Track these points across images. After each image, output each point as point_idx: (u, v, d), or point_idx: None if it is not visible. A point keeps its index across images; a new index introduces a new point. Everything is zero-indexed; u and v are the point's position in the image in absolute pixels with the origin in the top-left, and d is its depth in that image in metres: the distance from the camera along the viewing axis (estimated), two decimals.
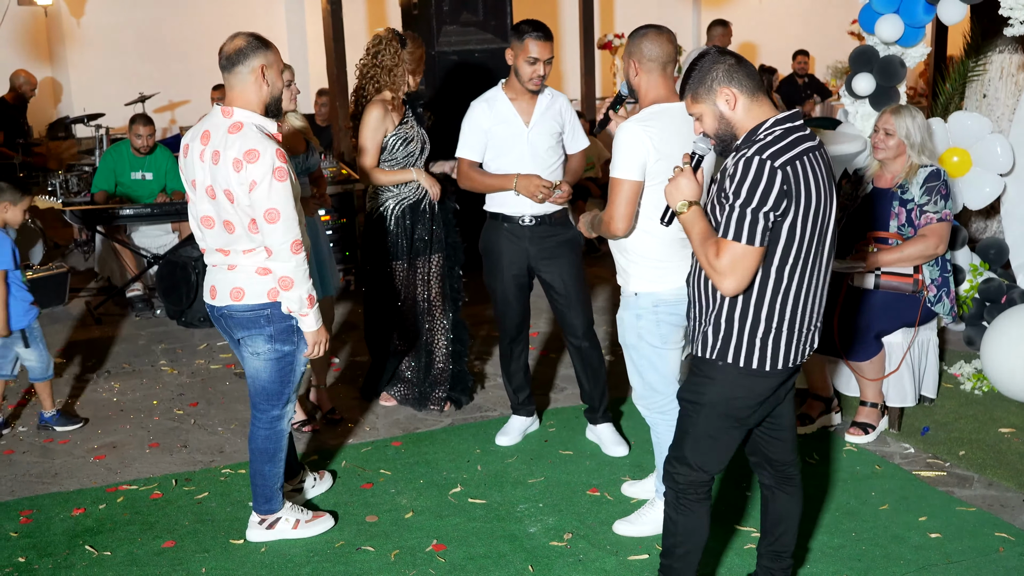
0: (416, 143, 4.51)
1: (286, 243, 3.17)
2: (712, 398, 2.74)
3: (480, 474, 4.08)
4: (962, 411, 4.56)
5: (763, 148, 2.55)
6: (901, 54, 5.25)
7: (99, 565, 3.48)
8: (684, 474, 2.81)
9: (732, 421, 2.76)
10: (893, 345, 4.32)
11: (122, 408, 4.94)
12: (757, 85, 2.66)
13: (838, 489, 3.88)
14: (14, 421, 4.79)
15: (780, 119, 2.63)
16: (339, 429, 4.59)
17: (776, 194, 2.51)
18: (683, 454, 2.80)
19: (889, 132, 4.27)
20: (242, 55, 3.18)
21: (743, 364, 2.68)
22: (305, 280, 3.24)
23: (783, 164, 2.52)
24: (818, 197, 2.57)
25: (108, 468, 4.26)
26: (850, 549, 3.45)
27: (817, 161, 2.60)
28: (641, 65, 3.27)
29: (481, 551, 3.49)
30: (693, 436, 2.79)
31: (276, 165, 3.11)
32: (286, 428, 3.55)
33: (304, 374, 3.54)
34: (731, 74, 2.65)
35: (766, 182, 2.50)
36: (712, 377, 2.73)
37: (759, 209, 2.51)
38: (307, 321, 3.30)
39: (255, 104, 3.22)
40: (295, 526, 3.61)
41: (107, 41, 11.12)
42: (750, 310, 2.65)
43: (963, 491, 3.84)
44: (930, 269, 4.29)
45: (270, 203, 3.13)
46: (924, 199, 4.21)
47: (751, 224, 2.52)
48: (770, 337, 2.66)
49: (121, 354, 5.76)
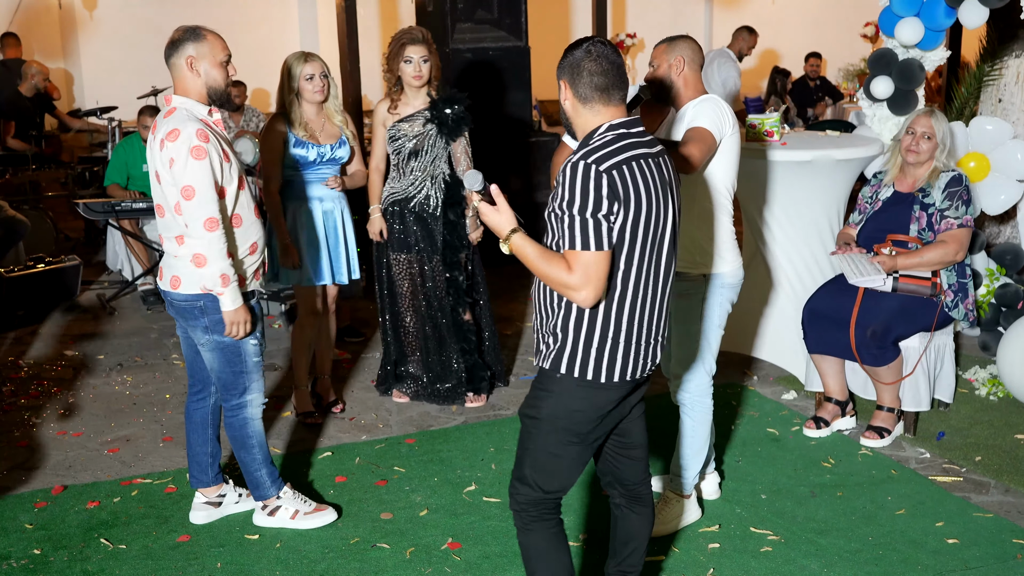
0: (404, 143, 4.50)
1: (200, 219, 3.22)
2: (550, 412, 2.60)
3: (495, 473, 4.08)
4: (978, 416, 4.54)
5: (589, 153, 2.45)
6: (920, 57, 5.23)
7: (114, 558, 3.48)
8: (524, 494, 2.66)
9: (571, 436, 2.60)
10: (909, 349, 4.30)
11: (135, 402, 4.94)
12: (601, 90, 2.53)
13: (854, 493, 3.86)
14: (28, 413, 4.79)
15: (614, 124, 2.53)
16: (349, 422, 4.59)
17: (605, 197, 2.41)
18: (523, 473, 2.65)
19: (928, 135, 4.26)
20: (173, 47, 3.31)
21: (578, 375, 2.55)
22: (219, 258, 3.26)
23: (608, 168, 2.42)
24: (649, 203, 2.48)
25: (122, 461, 4.26)
26: (867, 554, 3.44)
27: (651, 167, 2.51)
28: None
29: (496, 550, 3.49)
30: (532, 453, 2.64)
31: (194, 143, 3.18)
32: (251, 415, 3.56)
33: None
34: (574, 70, 2.55)
35: (594, 186, 2.40)
36: (550, 390, 2.60)
37: (596, 212, 2.41)
38: (223, 300, 3.31)
39: (193, 93, 3.32)
40: (293, 516, 3.63)
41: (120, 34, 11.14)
42: (585, 319, 2.53)
43: (980, 497, 3.82)
44: (948, 274, 4.27)
45: (186, 179, 3.20)
46: (945, 204, 4.20)
47: (594, 229, 2.41)
48: (606, 347, 2.54)
49: (133, 348, 5.76)
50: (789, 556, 3.42)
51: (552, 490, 2.66)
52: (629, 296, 2.53)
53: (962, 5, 4.88)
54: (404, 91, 4.52)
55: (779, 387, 4.94)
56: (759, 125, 4.88)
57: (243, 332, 3.39)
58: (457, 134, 4.54)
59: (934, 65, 5.31)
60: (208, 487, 3.75)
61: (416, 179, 4.56)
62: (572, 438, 2.61)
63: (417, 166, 4.55)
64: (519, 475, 2.68)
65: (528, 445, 2.66)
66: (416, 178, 4.56)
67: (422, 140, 4.51)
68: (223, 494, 3.78)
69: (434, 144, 4.53)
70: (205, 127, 3.26)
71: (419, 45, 4.42)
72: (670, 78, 3.45)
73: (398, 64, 4.45)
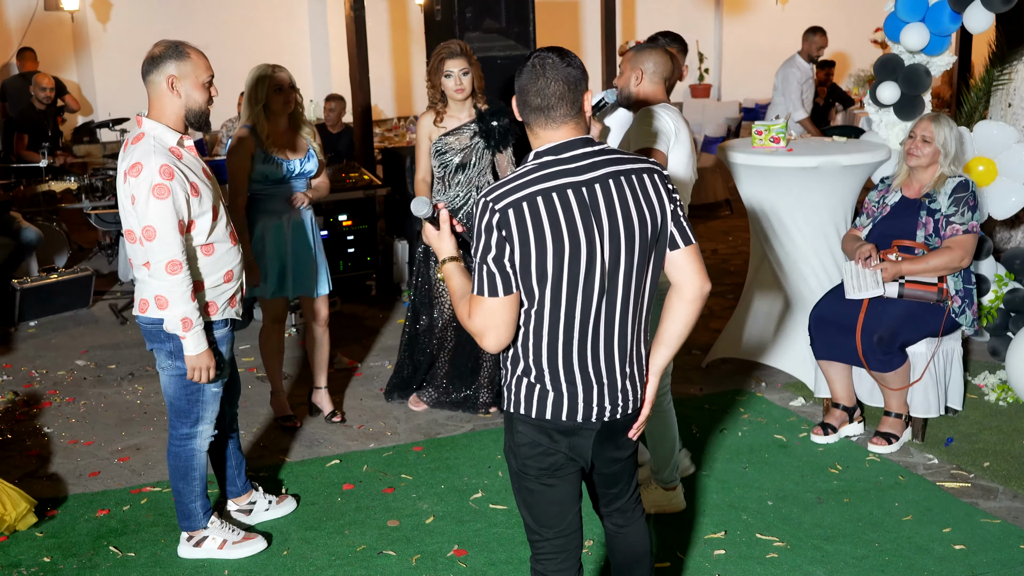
0: (452, 156, 4.52)
1: (161, 262, 3.10)
2: (505, 448, 2.51)
3: (501, 480, 4.09)
4: (986, 422, 4.52)
5: (496, 188, 2.26)
6: (926, 63, 5.23)
7: (123, 566, 3.51)
8: (528, 536, 2.54)
9: (522, 476, 2.45)
10: (917, 355, 4.29)
11: (145, 411, 4.98)
12: (538, 111, 2.28)
13: (861, 499, 3.85)
14: (39, 422, 4.84)
15: (540, 151, 2.30)
16: (357, 430, 4.61)
17: (495, 242, 2.23)
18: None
19: (927, 139, 4.25)
20: (153, 63, 3.14)
21: (513, 408, 2.41)
22: (182, 302, 3.13)
23: (505, 206, 2.22)
24: (562, 238, 2.23)
25: (132, 470, 4.29)
26: (873, 560, 3.43)
27: (574, 198, 2.24)
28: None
29: (502, 557, 3.49)
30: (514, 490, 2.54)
31: (156, 182, 3.04)
32: (199, 447, 3.45)
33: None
34: (517, 91, 2.31)
35: (485, 226, 2.23)
36: (505, 427, 2.50)
37: (487, 256, 2.24)
38: (186, 344, 3.19)
39: (168, 115, 3.16)
40: (221, 546, 3.52)
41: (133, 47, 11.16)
42: (510, 355, 2.39)
43: (988, 503, 3.81)
44: (954, 280, 4.26)
45: (147, 220, 3.07)
46: (951, 209, 4.19)
47: (488, 275, 2.25)
48: (527, 384, 2.37)
49: (145, 357, 5.80)
50: (795, 563, 3.42)
51: (536, 529, 2.49)
52: (546, 335, 2.32)
53: (967, 10, 4.88)
54: (448, 104, 4.55)
55: (787, 393, 4.94)
56: (765, 132, 4.88)
57: (205, 378, 3.27)
58: (505, 145, 4.58)
59: (940, 70, 5.31)
60: (239, 496, 3.80)
61: (461, 191, 4.59)
62: (524, 478, 2.46)
63: (463, 179, 4.59)
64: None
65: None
66: (461, 190, 4.59)
67: (469, 153, 4.55)
68: (253, 501, 3.82)
69: (481, 157, 4.57)
70: (172, 159, 3.11)
71: (458, 58, 4.44)
72: (628, 89, 3.61)
73: (439, 78, 4.47)
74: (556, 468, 2.43)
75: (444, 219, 2.48)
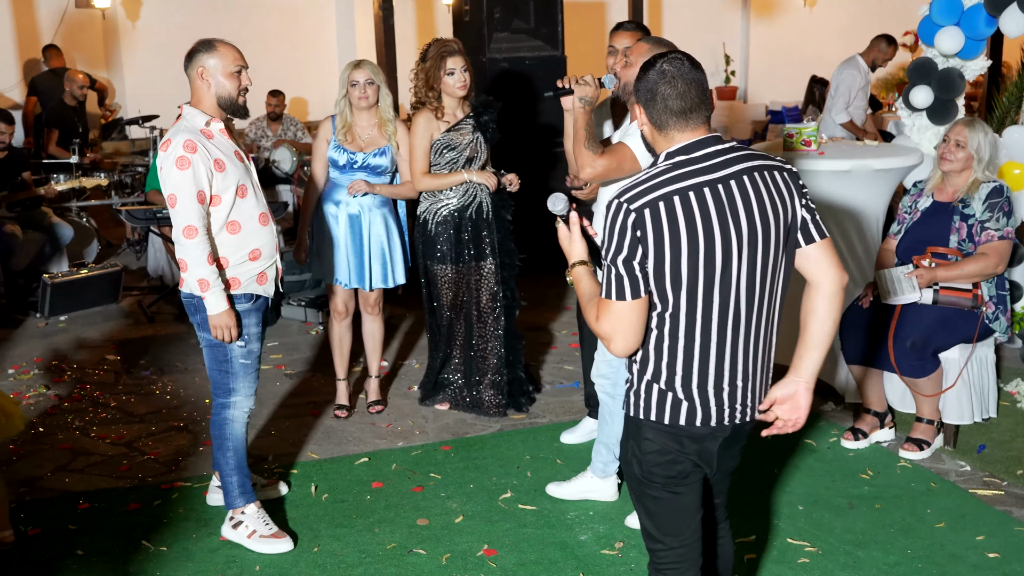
0: (461, 151, 4.53)
1: (180, 226, 3.37)
2: (626, 455, 2.46)
3: (530, 480, 4.09)
4: (1019, 429, 4.48)
5: (629, 188, 2.26)
6: (960, 67, 5.19)
7: (155, 560, 3.53)
8: (647, 544, 2.52)
9: (646, 484, 2.43)
10: (950, 361, 4.26)
11: (175, 406, 5.01)
12: (678, 115, 2.30)
13: (893, 505, 3.83)
14: (71, 417, 4.88)
15: (672, 151, 2.31)
16: (386, 429, 4.62)
17: (629, 243, 2.22)
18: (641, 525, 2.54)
19: (960, 144, 4.22)
20: (189, 59, 3.47)
21: (642, 415, 2.38)
22: (200, 265, 3.37)
23: (640, 206, 2.21)
24: (698, 239, 2.22)
25: (163, 464, 4.32)
26: (905, 567, 3.40)
27: (711, 196, 2.24)
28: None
29: (532, 557, 3.50)
30: (633, 501, 2.53)
31: (179, 155, 3.32)
32: (231, 418, 3.61)
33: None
34: (648, 94, 2.32)
35: (619, 228, 2.23)
36: (626, 432, 2.48)
37: (619, 257, 2.24)
38: (207, 303, 3.42)
39: (204, 103, 3.46)
40: (250, 535, 3.61)
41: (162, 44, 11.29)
42: (637, 360, 2.37)
43: (1021, 511, 3.77)
44: (988, 286, 4.23)
45: (170, 188, 3.36)
46: (986, 215, 4.16)
47: (617, 278, 2.24)
48: (667, 390, 2.35)
49: (174, 353, 5.84)
50: (826, 568, 3.40)
51: (659, 539, 2.47)
52: (682, 340, 2.30)
53: (1003, 13, 4.83)
54: (443, 102, 4.55)
55: (817, 398, 4.91)
56: (796, 135, 4.86)
57: (228, 337, 3.47)
58: (495, 139, 4.63)
59: (975, 75, 5.27)
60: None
61: (468, 186, 4.60)
62: (647, 485, 2.44)
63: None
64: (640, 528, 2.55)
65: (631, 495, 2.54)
66: (469, 185, 4.60)
67: (475, 147, 4.57)
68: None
69: (483, 151, 4.61)
70: (199, 137, 3.38)
71: (458, 56, 4.47)
72: (631, 85, 3.43)
73: (439, 76, 4.48)
74: (684, 476, 2.42)
75: (574, 221, 2.48)
